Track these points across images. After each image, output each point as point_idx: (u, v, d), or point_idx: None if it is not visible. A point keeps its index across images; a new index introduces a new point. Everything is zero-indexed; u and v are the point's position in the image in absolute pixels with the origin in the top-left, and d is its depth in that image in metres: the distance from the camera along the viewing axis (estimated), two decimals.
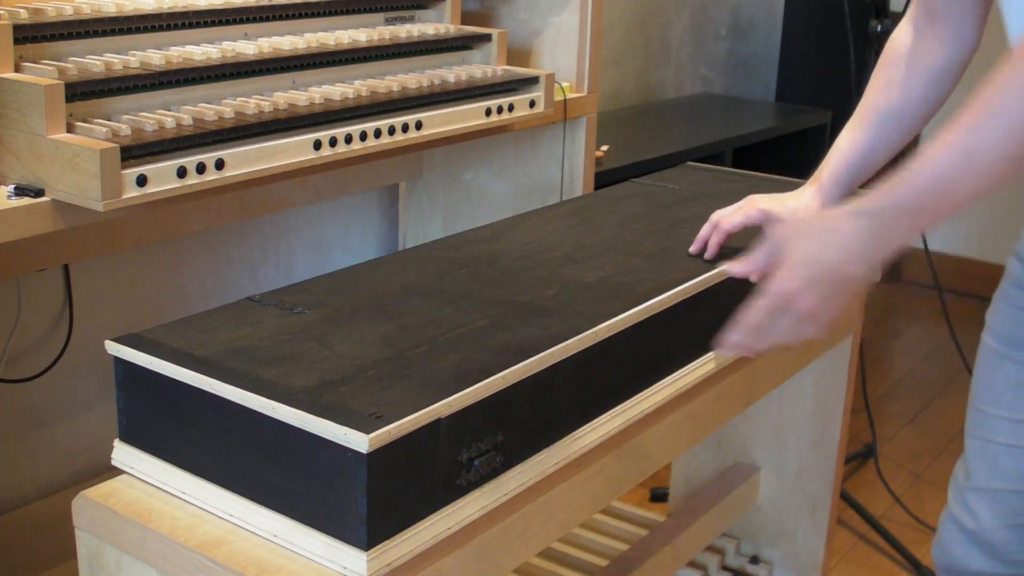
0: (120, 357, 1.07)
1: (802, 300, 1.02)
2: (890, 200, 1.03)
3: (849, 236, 1.02)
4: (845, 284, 1.03)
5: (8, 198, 1.38)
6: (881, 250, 1.03)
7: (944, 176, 1.01)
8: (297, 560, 0.96)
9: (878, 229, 1.02)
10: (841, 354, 1.82)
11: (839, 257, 1.02)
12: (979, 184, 1.02)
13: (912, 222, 1.03)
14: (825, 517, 1.92)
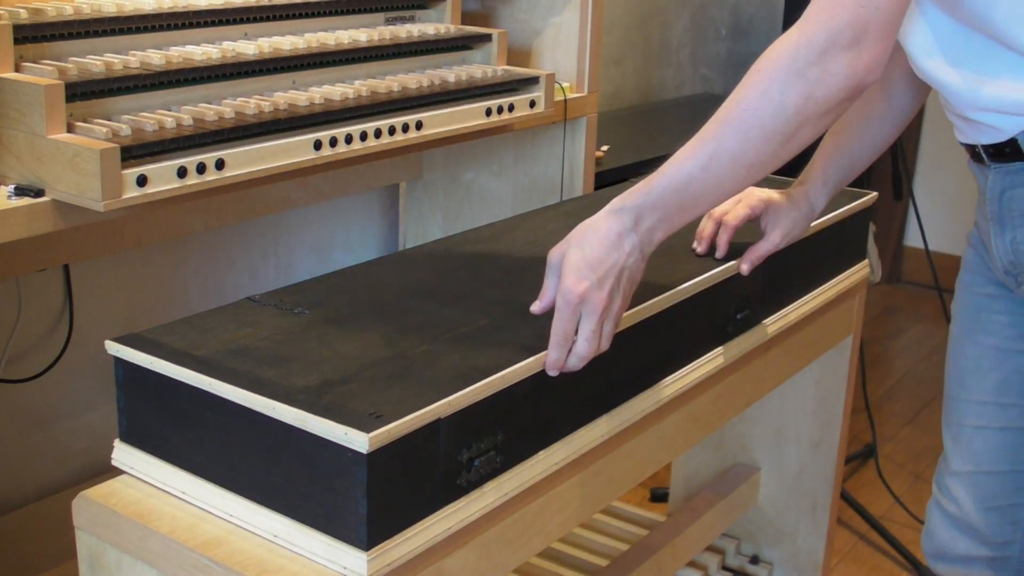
0: (120, 357, 1.07)
1: (594, 298, 1.08)
2: (642, 198, 1.11)
3: (611, 232, 1.10)
4: (623, 275, 1.10)
5: (8, 198, 1.38)
6: (645, 243, 1.12)
7: (689, 178, 1.11)
8: (297, 560, 0.96)
9: (635, 224, 1.11)
10: (841, 354, 1.82)
11: (611, 253, 1.09)
12: (720, 187, 1.13)
13: (665, 218, 1.12)
14: (825, 517, 1.92)
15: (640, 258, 1.12)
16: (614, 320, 1.11)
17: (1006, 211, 1.29)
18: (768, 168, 1.12)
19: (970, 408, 1.43)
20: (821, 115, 1.10)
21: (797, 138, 1.10)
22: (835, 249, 1.67)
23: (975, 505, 1.43)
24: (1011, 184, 1.27)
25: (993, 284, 1.40)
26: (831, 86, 1.08)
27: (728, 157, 1.10)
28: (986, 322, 1.41)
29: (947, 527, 1.47)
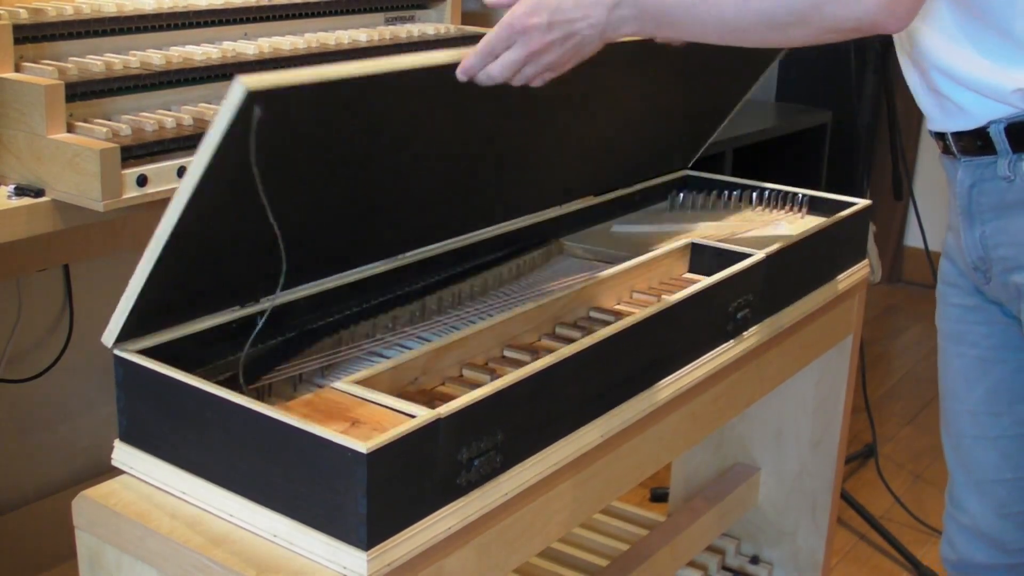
0: (120, 357, 1.07)
1: (534, 38, 1.08)
2: None
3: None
4: (573, 37, 1.10)
5: (8, 198, 1.38)
6: (610, 27, 1.10)
7: (674, 5, 1.10)
8: (297, 560, 0.96)
9: (614, 6, 1.09)
10: (841, 354, 1.82)
11: (578, 10, 1.09)
12: (698, 29, 1.11)
13: (638, 20, 1.11)
14: (825, 517, 1.92)
15: (598, 35, 1.10)
16: (539, 68, 1.11)
17: (975, 206, 1.29)
18: (746, 41, 1.11)
19: (965, 419, 1.43)
20: (820, 30, 1.07)
21: (787, 33, 1.08)
22: (835, 249, 1.67)
23: (988, 514, 1.43)
24: (980, 178, 1.27)
25: (970, 295, 1.40)
26: (844, 10, 1.05)
27: (716, 10, 1.09)
28: (968, 333, 1.41)
29: (963, 538, 1.46)
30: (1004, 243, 1.27)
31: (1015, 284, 1.29)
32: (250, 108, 0.92)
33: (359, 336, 1.25)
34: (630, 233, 1.67)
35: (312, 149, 1.07)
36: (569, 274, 1.49)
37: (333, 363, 1.19)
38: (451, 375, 1.20)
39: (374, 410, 1.03)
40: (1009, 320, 1.37)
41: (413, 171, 1.23)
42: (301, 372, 1.16)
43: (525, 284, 1.46)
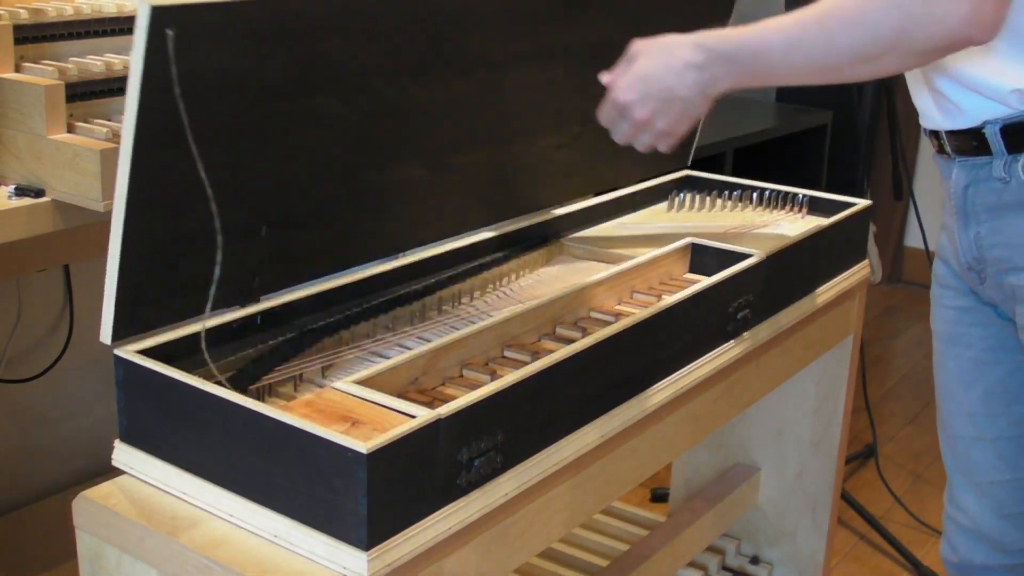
0: (120, 357, 1.07)
1: (635, 111, 1.16)
2: (719, 45, 1.15)
3: (680, 61, 1.15)
4: (675, 102, 1.15)
5: (8, 198, 1.38)
6: (707, 85, 1.15)
7: (768, 50, 1.14)
8: (297, 560, 0.96)
9: (705, 64, 1.14)
10: (841, 354, 1.82)
11: (668, 78, 1.15)
12: (791, 73, 1.15)
13: (732, 75, 1.15)
14: (825, 517, 1.92)
15: (701, 95, 1.15)
16: (653, 135, 1.17)
17: (970, 206, 1.29)
18: (841, 77, 1.13)
19: (962, 420, 1.43)
20: (911, 54, 1.09)
21: (879, 64, 1.10)
22: (835, 249, 1.67)
23: (987, 515, 1.43)
24: (975, 179, 1.27)
25: (964, 296, 1.40)
26: (931, 30, 1.06)
27: (807, 53, 1.12)
28: (963, 335, 1.41)
29: (963, 539, 1.46)
30: (999, 244, 1.27)
31: (1010, 285, 1.28)
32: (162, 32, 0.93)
33: (359, 336, 1.25)
34: (630, 233, 1.67)
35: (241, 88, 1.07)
36: (569, 274, 1.50)
37: (333, 363, 1.19)
38: (451, 375, 1.20)
39: (374, 410, 1.03)
40: (1004, 322, 1.37)
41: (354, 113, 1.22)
42: (301, 372, 1.16)
43: (525, 284, 1.46)
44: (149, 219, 1.04)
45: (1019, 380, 1.39)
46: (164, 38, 0.94)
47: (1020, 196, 1.23)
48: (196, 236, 1.08)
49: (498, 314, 1.28)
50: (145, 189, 1.02)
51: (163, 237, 1.07)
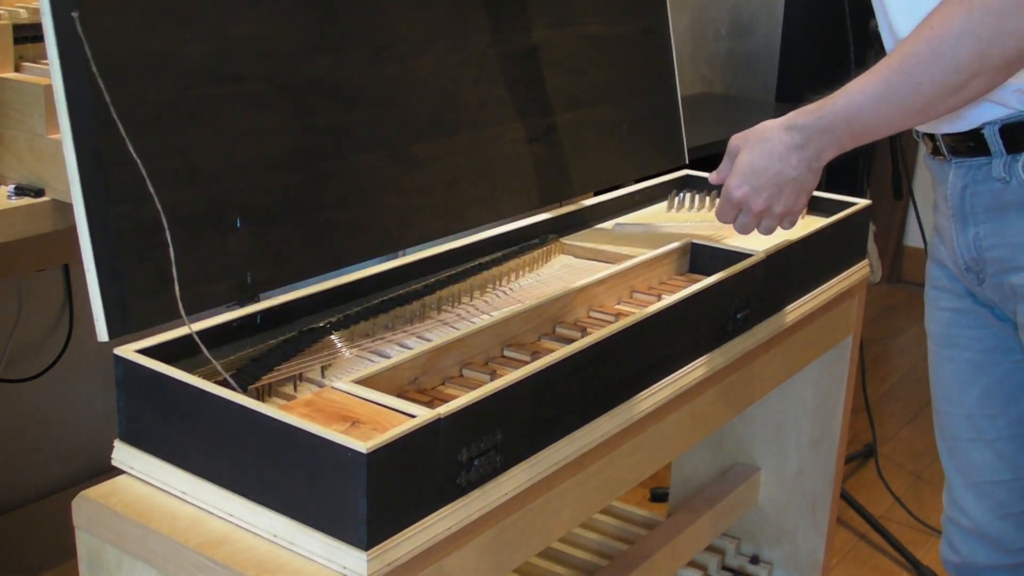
0: (120, 356, 1.07)
1: (752, 202, 1.23)
2: (813, 120, 1.20)
3: (781, 145, 1.21)
4: (786, 185, 1.21)
5: (8, 198, 1.38)
6: (813, 159, 1.21)
7: (860, 111, 1.18)
8: (297, 560, 0.96)
9: (804, 142, 1.21)
10: (841, 354, 1.82)
11: (773, 164, 1.21)
12: (887, 124, 1.19)
13: (834, 143, 1.21)
14: (825, 517, 1.92)
15: (808, 171, 1.20)
16: (776, 219, 1.23)
17: (968, 207, 1.29)
18: (940, 110, 1.16)
19: (960, 422, 1.43)
20: (997, 70, 1.11)
21: (969, 90, 1.12)
22: (835, 249, 1.67)
23: (987, 515, 1.43)
24: (973, 180, 1.27)
25: (959, 298, 1.40)
26: (1007, 45, 1.08)
27: (898, 101, 1.15)
28: (958, 337, 1.41)
29: (964, 539, 1.46)
30: (999, 244, 1.27)
31: (1010, 285, 1.28)
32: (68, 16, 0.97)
33: (359, 336, 1.25)
34: (630, 233, 1.67)
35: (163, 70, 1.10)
36: (569, 274, 1.50)
37: (333, 363, 1.19)
38: (451, 375, 1.20)
39: (374, 410, 1.03)
40: (1001, 323, 1.37)
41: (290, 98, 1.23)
42: (301, 372, 1.16)
43: (525, 284, 1.46)
44: (109, 208, 1.06)
45: (1017, 380, 1.39)
46: (72, 22, 0.96)
47: (1020, 196, 1.23)
48: (162, 226, 1.09)
49: (498, 314, 1.28)
50: (96, 177, 1.04)
51: (128, 227, 1.08)
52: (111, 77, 1.04)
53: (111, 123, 1.05)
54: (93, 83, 1.03)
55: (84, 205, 1.05)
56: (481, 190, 1.47)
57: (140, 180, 1.07)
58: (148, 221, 1.09)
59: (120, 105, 1.04)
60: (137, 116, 1.07)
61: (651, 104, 1.77)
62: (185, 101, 1.12)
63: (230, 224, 1.15)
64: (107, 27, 1.04)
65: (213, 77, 1.15)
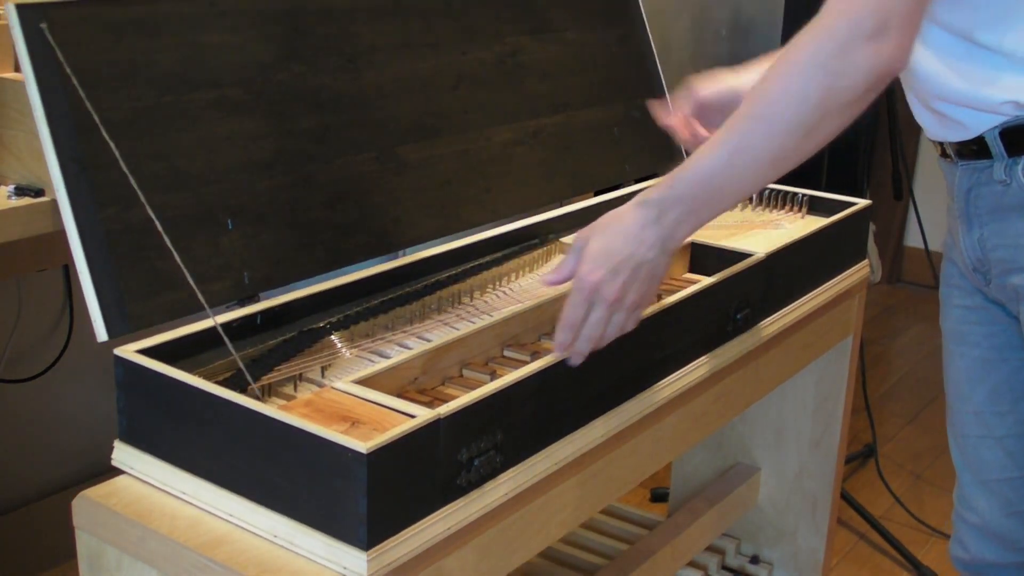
0: (120, 357, 1.07)
1: (606, 289, 1.09)
2: (666, 192, 1.11)
3: (634, 225, 1.10)
4: (641, 269, 1.10)
5: (8, 198, 1.38)
6: (668, 238, 1.11)
7: (712, 172, 1.10)
8: (297, 560, 0.96)
9: (660, 218, 1.10)
10: (841, 354, 1.82)
11: (628, 245, 1.09)
12: (744, 181, 1.11)
13: (690, 213, 1.11)
14: (825, 517, 1.92)
15: (662, 252, 1.11)
16: (627, 312, 1.11)
17: (973, 209, 1.29)
18: (792, 161, 1.11)
19: (969, 419, 1.43)
20: (845, 106, 1.08)
21: (820, 130, 1.09)
22: (835, 249, 1.67)
23: (995, 513, 1.43)
24: (977, 182, 1.27)
25: (970, 295, 1.40)
26: (854, 77, 1.06)
27: (751, 150, 1.09)
28: (969, 334, 1.41)
29: (972, 537, 1.47)
30: (1001, 245, 1.28)
31: (1013, 286, 1.29)
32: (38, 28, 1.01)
33: (359, 336, 1.25)
34: None
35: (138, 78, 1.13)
36: None
37: (333, 363, 1.19)
38: (451, 375, 1.20)
39: (374, 410, 1.03)
40: (1010, 319, 1.37)
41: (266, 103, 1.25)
42: (301, 372, 1.16)
43: (525, 284, 1.46)
44: (97, 211, 1.07)
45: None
46: (42, 32, 0.99)
47: (1021, 199, 1.23)
48: (151, 227, 1.10)
49: (498, 314, 1.28)
50: (79, 181, 1.07)
51: (117, 228, 1.09)
52: (84, 85, 1.06)
53: (91, 128, 1.07)
54: (69, 90, 1.05)
55: (71, 209, 1.06)
56: (475, 191, 1.47)
57: (125, 183, 1.08)
58: (137, 223, 1.10)
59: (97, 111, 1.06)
60: (114, 121, 1.09)
61: (639, 107, 1.77)
62: (160, 107, 1.14)
63: (221, 225, 1.16)
64: (75, 37, 1.07)
65: (187, 84, 1.17)
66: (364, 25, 1.37)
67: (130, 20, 1.12)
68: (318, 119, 1.29)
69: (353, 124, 1.33)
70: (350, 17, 1.36)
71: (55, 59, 1.04)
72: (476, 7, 1.53)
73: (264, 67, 1.24)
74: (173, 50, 1.16)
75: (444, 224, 1.43)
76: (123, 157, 1.08)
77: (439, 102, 1.45)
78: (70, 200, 1.06)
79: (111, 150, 1.08)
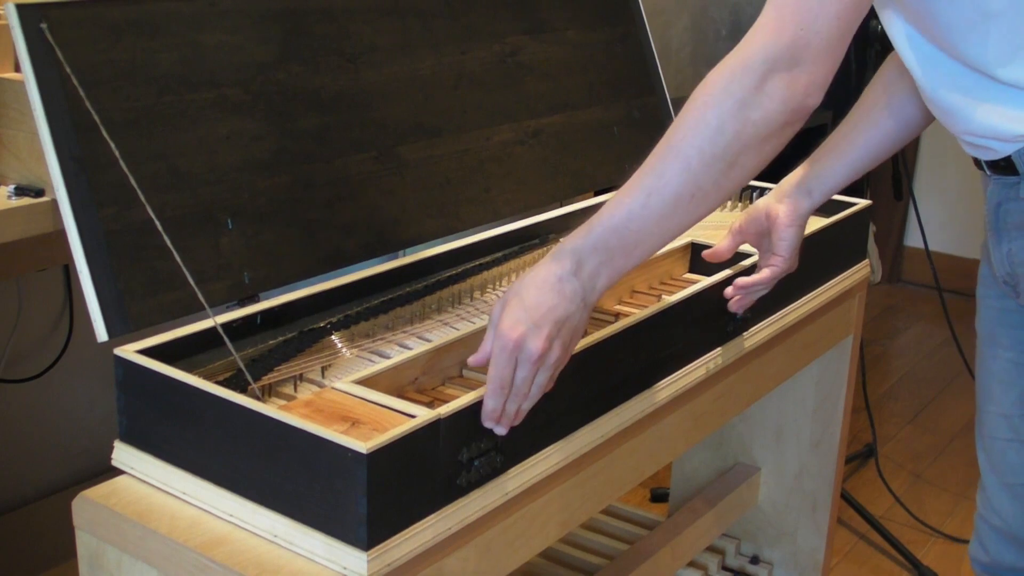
0: (120, 357, 1.07)
1: (530, 344, 1.02)
2: (582, 241, 1.05)
3: (552, 276, 1.04)
4: (565, 323, 1.04)
5: (8, 198, 1.38)
6: (588, 289, 1.05)
7: (629, 216, 1.05)
8: (297, 560, 0.96)
9: (576, 269, 1.04)
10: (841, 354, 1.82)
11: (549, 298, 1.03)
12: (664, 223, 1.06)
13: (608, 261, 1.06)
14: (825, 517, 1.92)
15: (583, 306, 1.05)
16: (551, 371, 1.05)
17: (1002, 223, 1.29)
18: (712, 199, 1.07)
19: (998, 421, 1.42)
20: (762, 140, 1.06)
21: (739, 165, 1.06)
22: (835, 249, 1.67)
23: (1019, 517, 1.42)
24: (1007, 197, 1.27)
25: (1003, 298, 1.39)
26: (769, 109, 1.04)
27: (669, 190, 1.05)
28: (1003, 336, 1.40)
29: (993, 539, 1.46)
30: None
31: None
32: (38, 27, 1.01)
33: (359, 336, 1.25)
34: None
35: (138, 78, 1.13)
36: None
37: (333, 363, 1.19)
38: (451, 375, 1.20)
39: (374, 410, 1.03)
40: None
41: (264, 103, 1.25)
42: (301, 372, 1.16)
43: None
44: (96, 211, 1.07)
45: None
46: (42, 32, 0.99)
47: None
48: (151, 227, 1.10)
49: None
50: (79, 181, 1.07)
51: (116, 228, 1.09)
52: (84, 85, 1.06)
53: (91, 128, 1.07)
54: (69, 90, 1.05)
55: (71, 209, 1.06)
56: (475, 191, 1.47)
57: (124, 183, 1.08)
58: (137, 222, 1.10)
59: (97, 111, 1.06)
60: (113, 121, 1.09)
61: (639, 106, 1.77)
62: (160, 107, 1.14)
63: (221, 225, 1.16)
64: (75, 37, 1.07)
65: (186, 84, 1.17)
66: (363, 25, 1.37)
67: (130, 20, 1.12)
68: (318, 119, 1.29)
69: (353, 124, 1.33)
70: (349, 17, 1.36)
71: (55, 59, 1.04)
72: (476, 7, 1.53)
73: (264, 67, 1.24)
74: (173, 50, 1.16)
75: (444, 224, 1.43)
76: (123, 157, 1.08)
77: (439, 102, 1.45)
78: (70, 200, 1.06)
79: (111, 150, 1.08)
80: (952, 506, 2.54)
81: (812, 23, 1.04)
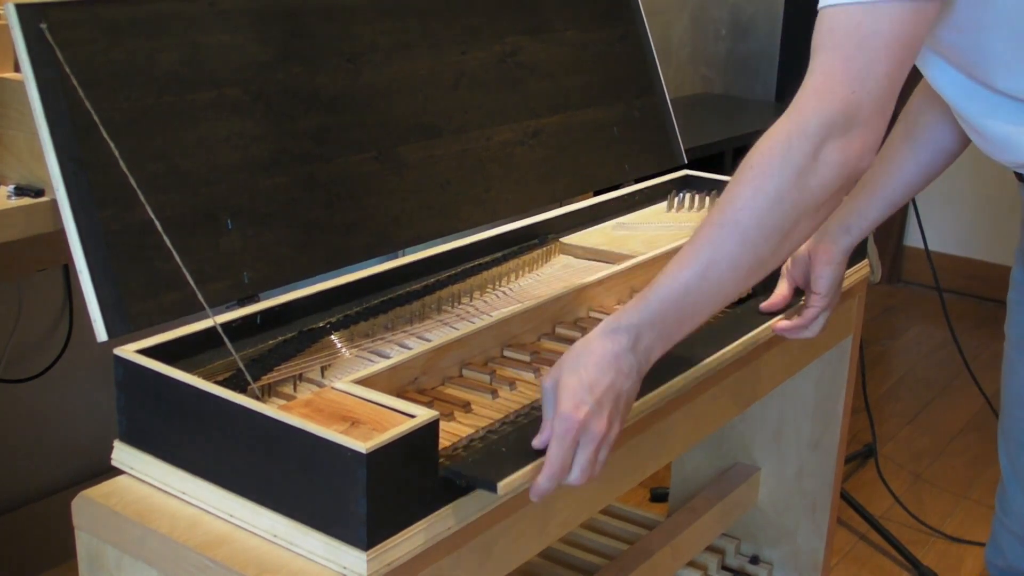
0: (120, 357, 1.07)
1: (594, 424, 1.02)
2: (639, 316, 1.05)
3: (609, 354, 1.04)
4: (622, 398, 1.04)
5: (8, 198, 1.38)
6: (643, 362, 1.06)
7: (686, 289, 1.04)
8: (297, 560, 0.96)
9: (633, 343, 1.05)
10: (841, 354, 1.82)
11: (607, 375, 1.03)
12: (720, 294, 1.06)
13: (663, 334, 1.06)
14: (825, 517, 1.92)
15: (637, 379, 1.06)
16: (609, 447, 1.05)
17: None
18: (768, 267, 1.07)
19: None
20: (819, 206, 1.05)
21: (796, 232, 1.05)
22: None
23: None
24: None
25: None
26: (826, 176, 1.03)
27: (727, 261, 1.04)
28: None
29: (1011, 544, 1.45)
30: None
31: None
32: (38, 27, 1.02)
33: (359, 336, 1.25)
34: (630, 233, 1.67)
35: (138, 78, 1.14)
36: (569, 274, 1.50)
37: (333, 363, 1.19)
38: (451, 375, 1.20)
39: (374, 410, 1.03)
40: None
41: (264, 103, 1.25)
42: (301, 372, 1.16)
43: (525, 284, 1.46)
44: (96, 211, 1.08)
45: None
46: (42, 32, 0.99)
47: None
48: (151, 227, 1.10)
49: (498, 314, 1.28)
50: (79, 181, 1.06)
51: (116, 228, 1.09)
52: (84, 85, 1.06)
53: (91, 128, 1.07)
54: (69, 90, 1.05)
55: (71, 209, 1.06)
56: (475, 191, 1.47)
57: (124, 183, 1.08)
58: (137, 223, 1.10)
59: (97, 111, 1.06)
60: (113, 121, 1.08)
61: (639, 107, 1.77)
62: (160, 107, 1.14)
63: (220, 225, 1.16)
64: (75, 37, 1.08)
65: (186, 84, 1.17)
66: (364, 25, 1.37)
67: (130, 20, 1.12)
68: (318, 119, 1.29)
69: (353, 124, 1.33)
70: (350, 17, 1.36)
71: (55, 59, 1.04)
72: (476, 7, 1.53)
73: (264, 67, 1.24)
74: (173, 50, 1.16)
75: (444, 224, 1.43)
76: (123, 157, 1.08)
77: (439, 102, 1.45)
78: (70, 200, 1.06)
79: (111, 150, 1.08)
80: (952, 506, 2.54)
81: (862, 84, 1.03)
